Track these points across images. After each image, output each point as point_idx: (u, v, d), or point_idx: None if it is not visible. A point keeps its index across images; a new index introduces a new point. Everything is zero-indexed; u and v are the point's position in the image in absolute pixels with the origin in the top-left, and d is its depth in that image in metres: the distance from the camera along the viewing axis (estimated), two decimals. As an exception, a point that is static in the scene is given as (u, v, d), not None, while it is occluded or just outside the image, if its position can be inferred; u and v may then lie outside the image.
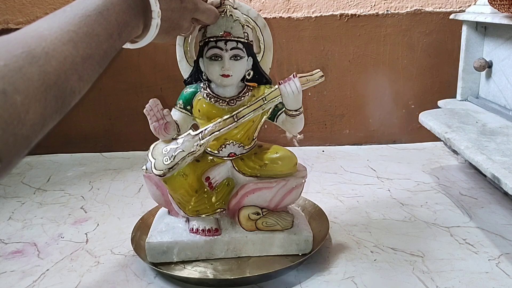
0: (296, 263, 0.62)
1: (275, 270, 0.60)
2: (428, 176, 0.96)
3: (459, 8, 1.10)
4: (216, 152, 0.63)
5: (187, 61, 0.64)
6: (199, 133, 0.59)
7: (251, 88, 0.62)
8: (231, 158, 0.63)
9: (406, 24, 1.11)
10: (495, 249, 0.67)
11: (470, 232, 0.72)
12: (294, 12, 1.11)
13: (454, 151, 1.06)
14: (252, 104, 0.59)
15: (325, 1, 1.10)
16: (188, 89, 0.63)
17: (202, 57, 0.60)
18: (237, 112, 0.58)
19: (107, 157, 1.17)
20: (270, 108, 0.61)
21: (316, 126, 1.19)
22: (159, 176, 0.59)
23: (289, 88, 0.58)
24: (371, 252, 0.67)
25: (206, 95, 0.61)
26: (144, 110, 0.58)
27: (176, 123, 0.61)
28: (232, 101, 0.61)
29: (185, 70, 0.64)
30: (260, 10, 1.11)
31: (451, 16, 1.02)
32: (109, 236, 0.75)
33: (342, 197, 0.87)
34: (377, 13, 1.11)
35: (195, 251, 0.63)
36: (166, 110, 0.58)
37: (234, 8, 0.60)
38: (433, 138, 1.06)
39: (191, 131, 0.60)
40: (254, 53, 0.62)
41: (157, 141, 0.62)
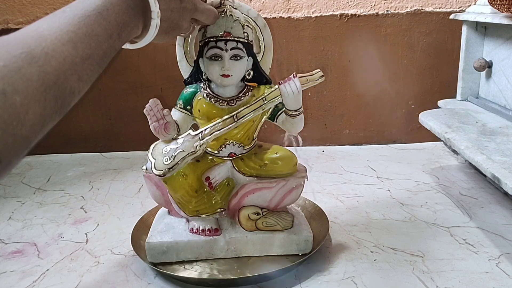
0: (296, 263, 0.62)
1: (275, 270, 0.60)
2: (428, 176, 0.96)
3: (459, 8, 1.10)
4: (216, 152, 0.63)
5: (187, 61, 0.64)
6: (199, 133, 0.59)
7: (251, 88, 0.62)
8: (231, 158, 0.63)
9: (406, 24, 1.11)
10: (495, 249, 0.67)
11: (470, 232, 0.72)
12: (294, 12, 1.11)
13: (454, 151, 1.06)
14: (252, 104, 0.59)
15: (325, 1, 1.10)
16: (188, 89, 0.63)
17: (202, 57, 0.60)
18: (237, 112, 0.58)
19: (107, 157, 1.17)
20: (270, 108, 0.61)
21: (316, 126, 1.19)
22: (159, 176, 0.59)
23: (289, 88, 0.58)
24: (371, 252, 0.67)
25: (206, 95, 0.61)
26: (144, 110, 0.58)
27: (176, 123, 0.61)
28: (232, 101, 0.61)
29: (185, 70, 0.64)
30: (260, 10, 1.11)
31: (451, 16, 1.02)
32: (109, 236, 0.75)
33: (342, 197, 0.87)
34: (377, 13, 1.11)
35: (195, 251, 0.63)
36: (166, 110, 0.58)
37: (234, 8, 0.60)
38: (433, 138, 1.06)
39: (191, 131, 0.60)
40: (254, 53, 0.62)
41: (157, 141, 0.62)
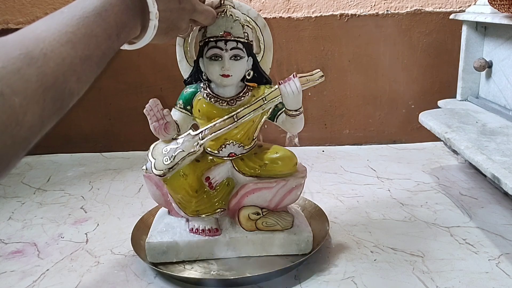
0: (296, 263, 0.62)
1: (275, 270, 0.60)
2: (428, 176, 0.96)
3: (459, 8, 1.10)
4: (216, 152, 0.63)
5: (187, 61, 0.64)
6: (199, 133, 0.59)
7: (251, 88, 0.62)
8: (231, 158, 0.63)
9: (406, 24, 1.11)
10: (495, 249, 0.67)
11: (470, 232, 0.72)
12: (294, 12, 1.11)
13: (454, 151, 1.06)
14: (252, 104, 0.59)
15: (325, 1, 1.10)
16: (188, 89, 0.63)
17: (202, 57, 0.60)
18: (237, 112, 0.58)
19: (107, 157, 1.17)
20: (270, 108, 0.61)
21: (316, 126, 1.19)
22: (159, 176, 0.59)
23: (289, 88, 0.58)
24: (371, 252, 0.67)
25: (206, 95, 0.61)
26: (144, 110, 0.58)
27: (176, 123, 0.61)
28: (232, 101, 0.61)
29: (185, 70, 0.64)
30: (260, 10, 1.11)
31: (451, 16, 1.02)
32: (109, 236, 0.75)
33: (342, 197, 0.87)
34: (377, 13, 1.11)
35: (195, 251, 0.63)
36: (166, 110, 0.58)
37: (234, 8, 0.60)
38: (433, 138, 1.06)
39: (191, 131, 0.60)
40: (254, 53, 0.62)
41: (157, 141, 0.62)
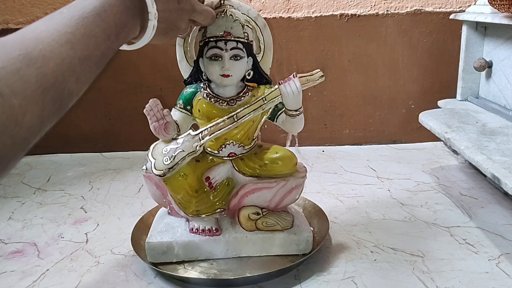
0: (296, 263, 0.62)
1: (275, 270, 0.60)
2: (428, 176, 0.96)
3: (459, 8, 1.10)
4: (216, 152, 0.63)
5: (187, 61, 0.64)
6: (199, 133, 0.59)
7: (251, 88, 0.62)
8: (231, 158, 0.63)
9: (406, 24, 1.11)
10: (495, 249, 0.67)
11: (470, 232, 0.72)
12: (294, 12, 1.11)
13: (454, 151, 1.06)
14: (252, 104, 0.59)
15: (325, 1, 1.10)
16: (188, 89, 0.63)
17: (202, 57, 0.60)
18: (237, 112, 0.58)
19: (107, 157, 1.17)
20: (270, 108, 0.61)
21: (316, 126, 1.19)
22: (159, 176, 0.59)
23: (289, 88, 0.58)
24: (371, 252, 0.67)
25: (206, 95, 0.61)
26: (144, 110, 0.58)
27: (176, 123, 0.61)
28: (232, 101, 0.61)
29: (185, 70, 0.64)
30: (260, 10, 1.11)
31: (451, 16, 1.02)
32: (109, 236, 0.75)
33: (342, 197, 0.87)
34: (377, 13, 1.11)
35: (195, 251, 0.63)
36: (166, 110, 0.58)
37: (234, 8, 0.59)
38: (433, 138, 1.06)
39: (191, 131, 0.60)
40: (254, 53, 0.62)
41: (157, 141, 0.62)
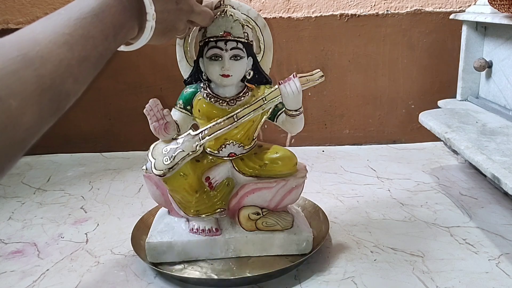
0: (296, 263, 0.62)
1: (275, 270, 0.60)
2: (428, 176, 0.96)
3: (459, 8, 1.10)
4: (216, 152, 0.63)
5: (187, 61, 0.64)
6: (199, 133, 0.59)
7: (251, 88, 0.62)
8: (231, 158, 0.63)
9: (406, 24, 1.11)
10: (495, 249, 0.67)
11: (470, 232, 0.72)
12: (294, 12, 1.11)
13: (454, 151, 1.06)
14: (252, 104, 0.59)
15: (325, 1, 1.10)
16: (188, 89, 0.62)
17: (202, 57, 0.60)
18: (237, 112, 0.58)
19: (107, 157, 1.17)
20: (270, 108, 0.61)
21: (316, 126, 1.19)
22: (159, 176, 0.59)
23: (289, 88, 0.58)
24: (371, 252, 0.67)
25: (206, 95, 0.61)
26: (144, 110, 0.58)
27: (176, 123, 0.61)
28: (232, 101, 0.61)
29: (185, 70, 0.64)
30: (260, 10, 1.11)
31: (451, 16, 1.02)
32: (109, 236, 0.75)
33: (342, 197, 0.87)
34: (377, 13, 1.11)
35: (195, 251, 0.63)
36: (166, 110, 0.58)
37: (234, 8, 0.59)
38: (433, 138, 1.06)
39: (191, 131, 0.60)
40: (254, 53, 0.62)
41: (157, 141, 0.62)
